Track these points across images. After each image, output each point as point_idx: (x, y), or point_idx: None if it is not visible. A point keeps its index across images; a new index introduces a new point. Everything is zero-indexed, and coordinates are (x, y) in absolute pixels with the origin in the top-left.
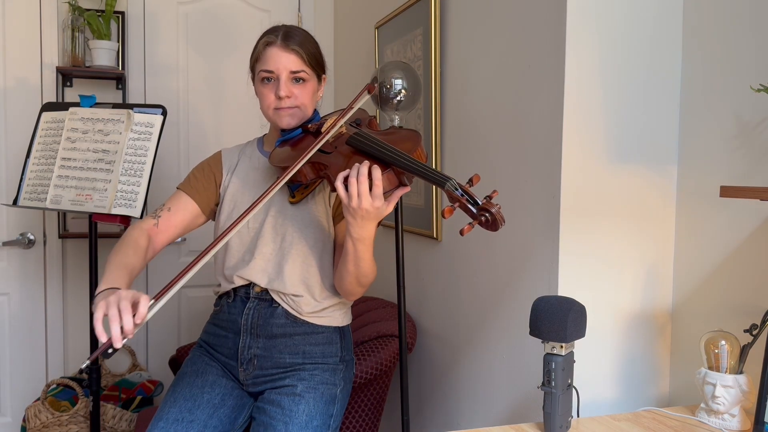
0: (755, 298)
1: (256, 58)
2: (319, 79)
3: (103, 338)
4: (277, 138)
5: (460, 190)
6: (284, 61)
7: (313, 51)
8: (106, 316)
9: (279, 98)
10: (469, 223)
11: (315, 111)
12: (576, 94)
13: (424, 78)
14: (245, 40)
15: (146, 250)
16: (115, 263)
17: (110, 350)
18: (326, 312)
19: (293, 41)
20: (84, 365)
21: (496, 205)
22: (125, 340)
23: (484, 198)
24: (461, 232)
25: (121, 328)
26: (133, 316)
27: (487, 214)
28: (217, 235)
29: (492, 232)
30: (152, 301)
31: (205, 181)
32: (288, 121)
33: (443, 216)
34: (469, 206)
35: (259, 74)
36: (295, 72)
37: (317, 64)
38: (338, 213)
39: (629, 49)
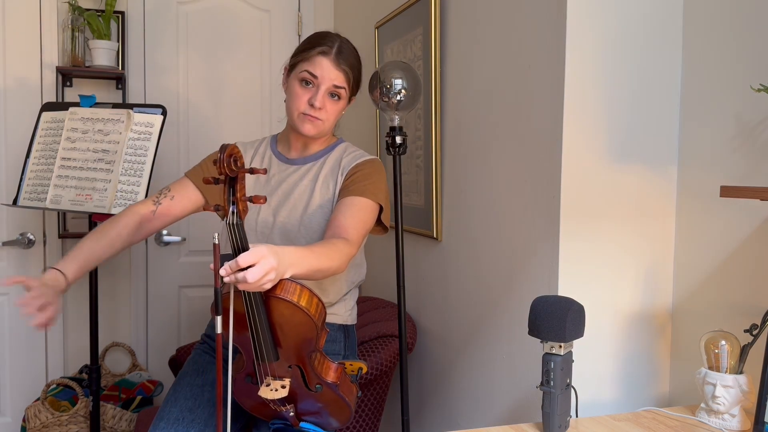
0: (755, 298)
1: (302, 59)
2: (350, 99)
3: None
4: (293, 139)
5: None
6: (331, 75)
7: (357, 76)
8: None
9: (311, 105)
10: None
11: (339, 138)
12: (576, 94)
13: (424, 78)
14: (245, 41)
15: (128, 237)
16: (82, 246)
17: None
18: (332, 309)
19: (345, 61)
20: None
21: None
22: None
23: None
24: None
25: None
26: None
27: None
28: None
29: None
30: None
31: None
32: (309, 128)
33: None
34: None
35: (302, 73)
36: (336, 87)
37: (355, 86)
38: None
39: (629, 49)
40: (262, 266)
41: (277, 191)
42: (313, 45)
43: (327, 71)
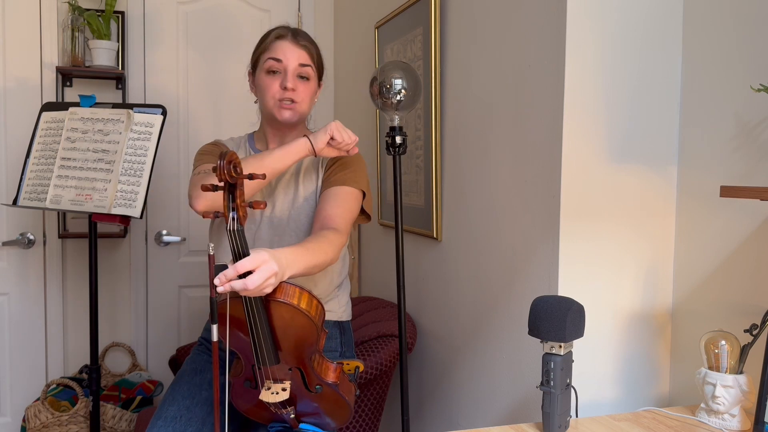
0: (755, 298)
1: (263, 50)
2: (318, 83)
3: None
4: (270, 135)
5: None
6: (294, 54)
7: (318, 54)
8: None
9: (284, 89)
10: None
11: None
12: (576, 94)
13: (424, 78)
14: (245, 40)
15: None
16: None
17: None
18: (327, 306)
19: (303, 38)
20: None
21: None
22: None
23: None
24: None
25: None
26: None
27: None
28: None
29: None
30: None
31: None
32: (288, 114)
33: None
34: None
35: (266, 63)
36: (303, 65)
37: (320, 67)
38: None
39: (629, 48)
40: (262, 272)
41: None
42: (268, 34)
43: (289, 51)
